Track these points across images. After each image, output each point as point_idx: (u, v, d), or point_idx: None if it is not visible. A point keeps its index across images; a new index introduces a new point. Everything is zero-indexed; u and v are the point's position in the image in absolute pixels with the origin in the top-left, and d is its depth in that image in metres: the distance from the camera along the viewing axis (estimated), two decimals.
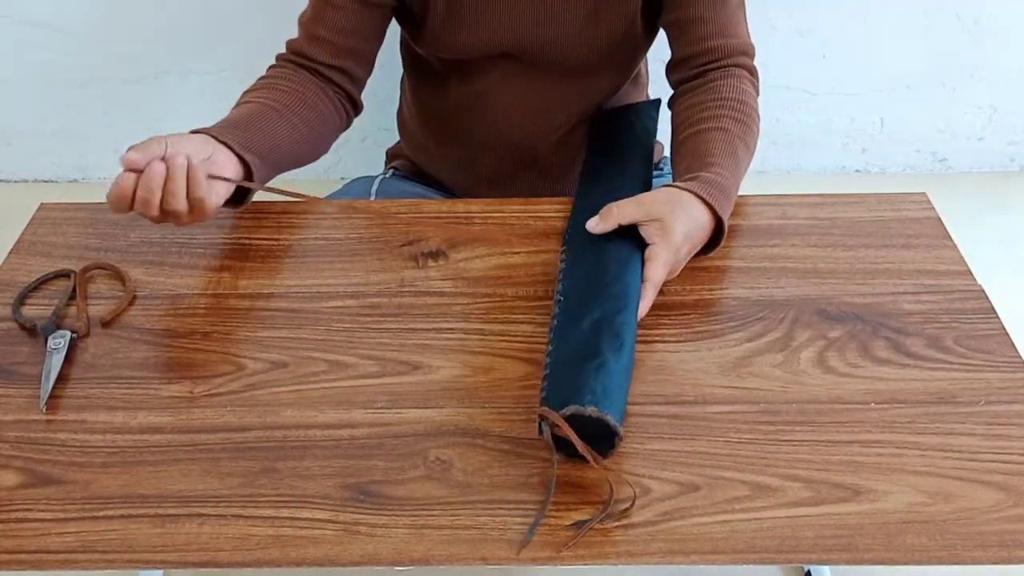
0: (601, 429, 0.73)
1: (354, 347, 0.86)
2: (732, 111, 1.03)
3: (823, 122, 2.11)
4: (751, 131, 1.03)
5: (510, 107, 1.16)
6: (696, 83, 1.08)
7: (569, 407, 0.73)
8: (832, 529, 0.70)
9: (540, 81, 1.14)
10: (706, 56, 1.07)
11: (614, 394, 0.75)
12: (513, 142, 1.19)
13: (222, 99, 1.16)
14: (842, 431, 0.78)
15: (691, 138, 1.02)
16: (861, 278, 0.94)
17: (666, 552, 0.69)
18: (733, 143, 1.00)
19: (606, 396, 0.74)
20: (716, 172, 0.95)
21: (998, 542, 0.69)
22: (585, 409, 0.73)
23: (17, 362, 0.85)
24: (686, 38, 1.08)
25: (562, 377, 0.77)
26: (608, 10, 1.08)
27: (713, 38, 1.07)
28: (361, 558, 0.69)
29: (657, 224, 0.89)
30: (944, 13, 1.95)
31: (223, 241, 1.00)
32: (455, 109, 1.19)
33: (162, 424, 0.79)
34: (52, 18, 1.93)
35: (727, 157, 0.98)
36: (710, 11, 1.06)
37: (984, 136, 2.15)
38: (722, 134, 1.01)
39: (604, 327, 0.81)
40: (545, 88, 1.15)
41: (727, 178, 0.95)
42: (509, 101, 1.16)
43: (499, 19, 1.07)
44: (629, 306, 0.84)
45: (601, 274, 0.87)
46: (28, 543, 0.70)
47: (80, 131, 2.11)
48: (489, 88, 1.15)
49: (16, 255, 0.98)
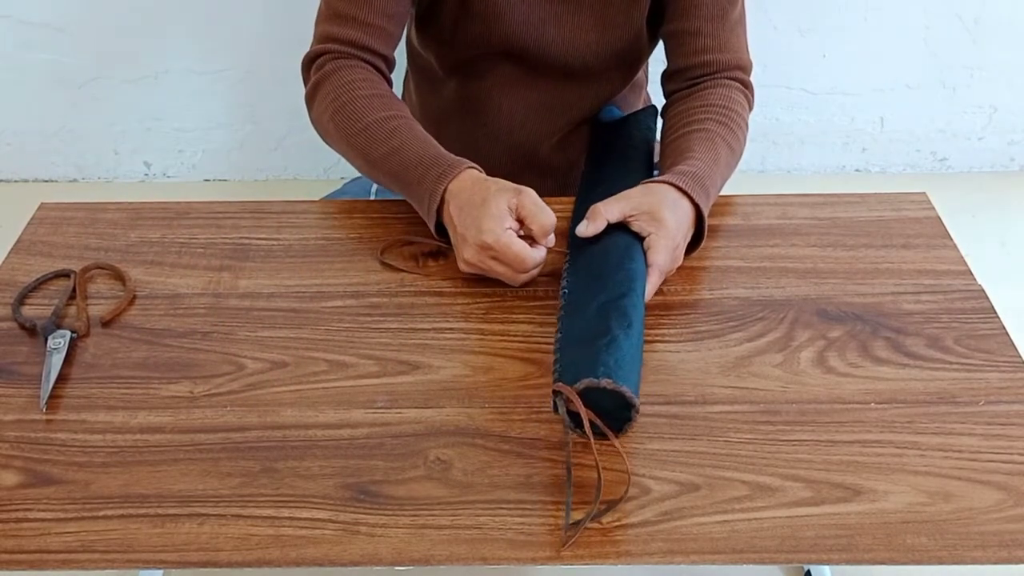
0: (617, 403, 0.74)
1: (354, 347, 0.86)
2: (716, 115, 1.03)
3: (823, 122, 2.11)
4: (735, 135, 1.03)
5: (512, 109, 1.16)
6: (687, 92, 1.09)
7: (583, 380, 0.73)
8: (832, 529, 0.70)
9: (543, 83, 1.14)
10: (701, 69, 1.08)
11: (627, 367, 0.76)
12: (514, 143, 1.19)
13: (221, 99, 1.16)
14: (842, 431, 0.78)
15: (674, 141, 1.03)
16: (861, 278, 0.94)
17: (666, 552, 0.69)
18: (713, 140, 1.00)
19: (619, 368, 0.75)
20: (691, 164, 0.95)
21: (998, 542, 0.69)
22: (599, 382, 0.73)
23: (16, 362, 0.85)
24: (683, 50, 1.09)
25: (574, 355, 0.78)
26: (616, 16, 1.08)
27: (710, 52, 1.07)
28: (361, 558, 0.69)
29: (647, 216, 0.89)
30: (944, 12, 1.95)
31: (223, 241, 1.00)
32: (457, 110, 1.19)
33: (162, 424, 0.79)
34: (52, 18, 1.93)
35: (705, 152, 0.98)
36: (710, 25, 1.06)
37: (984, 136, 2.15)
38: (703, 134, 1.01)
39: (612, 309, 0.82)
40: (548, 90, 1.15)
41: (702, 168, 0.95)
42: (511, 103, 1.16)
43: (510, 16, 1.07)
44: (635, 289, 0.84)
45: (603, 264, 0.88)
46: (28, 543, 0.70)
47: (80, 131, 2.11)
48: (492, 89, 1.15)
49: (16, 255, 0.98)
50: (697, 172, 0.94)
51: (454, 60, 1.15)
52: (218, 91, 2.04)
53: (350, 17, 1.03)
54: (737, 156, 1.03)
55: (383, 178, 0.99)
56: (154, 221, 1.03)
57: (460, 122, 1.20)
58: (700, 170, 0.95)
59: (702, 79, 1.08)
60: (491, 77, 1.14)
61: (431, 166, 0.93)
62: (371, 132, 0.98)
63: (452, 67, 1.16)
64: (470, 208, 0.89)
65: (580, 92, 1.16)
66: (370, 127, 0.98)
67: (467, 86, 1.16)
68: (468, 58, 1.13)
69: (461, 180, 0.92)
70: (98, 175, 2.19)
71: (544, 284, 0.92)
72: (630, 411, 0.74)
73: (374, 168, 0.99)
